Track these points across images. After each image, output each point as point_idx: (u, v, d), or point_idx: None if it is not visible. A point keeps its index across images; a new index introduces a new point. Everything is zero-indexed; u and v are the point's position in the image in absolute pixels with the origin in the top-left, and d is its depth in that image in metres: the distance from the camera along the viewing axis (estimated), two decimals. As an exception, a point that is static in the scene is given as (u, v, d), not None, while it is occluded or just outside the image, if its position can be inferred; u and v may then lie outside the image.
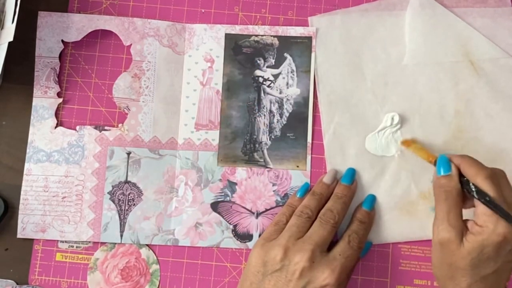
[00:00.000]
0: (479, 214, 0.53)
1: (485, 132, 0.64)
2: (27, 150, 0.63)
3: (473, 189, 0.54)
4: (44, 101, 0.63)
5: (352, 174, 0.62)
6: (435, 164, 0.59)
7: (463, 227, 0.53)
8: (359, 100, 0.65)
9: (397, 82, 0.65)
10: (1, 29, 0.61)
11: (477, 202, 0.53)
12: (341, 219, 0.59)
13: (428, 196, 0.63)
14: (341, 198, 0.60)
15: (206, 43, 0.65)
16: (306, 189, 0.62)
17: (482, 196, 0.53)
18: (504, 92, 0.64)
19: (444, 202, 0.55)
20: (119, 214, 0.62)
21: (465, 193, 0.56)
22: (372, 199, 0.62)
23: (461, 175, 0.56)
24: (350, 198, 0.61)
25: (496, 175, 0.55)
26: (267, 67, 0.65)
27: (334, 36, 0.66)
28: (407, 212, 0.63)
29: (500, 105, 0.64)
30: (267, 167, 0.64)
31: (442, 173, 0.57)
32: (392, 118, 0.63)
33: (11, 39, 0.58)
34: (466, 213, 0.56)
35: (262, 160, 0.64)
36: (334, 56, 0.65)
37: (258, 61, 0.65)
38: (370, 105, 0.65)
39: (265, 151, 0.64)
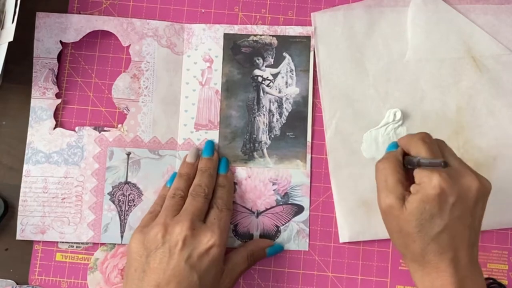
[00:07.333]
0: (416, 175, 0.52)
1: (487, 128, 0.64)
2: (26, 151, 0.63)
3: (408, 158, 0.54)
4: (42, 102, 0.63)
5: (211, 146, 0.63)
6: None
7: (403, 193, 0.52)
8: (362, 96, 0.64)
9: (400, 78, 0.65)
10: (1, 29, 0.61)
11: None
12: (211, 190, 0.60)
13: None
14: (206, 171, 0.61)
15: (204, 43, 0.65)
16: (174, 178, 0.62)
17: (416, 160, 0.52)
18: (506, 88, 0.64)
19: (381, 172, 0.54)
20: (119, 214, 0.62)
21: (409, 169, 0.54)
22: (225, 161, 0.63)
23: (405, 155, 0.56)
24: (215, 169, 0.62)
25: (429, 137, 0.54)
26: (266, 66, 0.65)
27: (337, 32, 0.65)
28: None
29: (502, 101, 0.64)
30: (267, 167, 0.64)
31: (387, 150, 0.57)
32: (395, 114, 0.63)
33: (11, 39, 0.58)
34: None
35: (262, 159, 0.64)
36: (337, 52, 0.65)
37: (257, 61, 0.65)
38: (373, 100, 0.64)
39: (265, 151, 0.64)
